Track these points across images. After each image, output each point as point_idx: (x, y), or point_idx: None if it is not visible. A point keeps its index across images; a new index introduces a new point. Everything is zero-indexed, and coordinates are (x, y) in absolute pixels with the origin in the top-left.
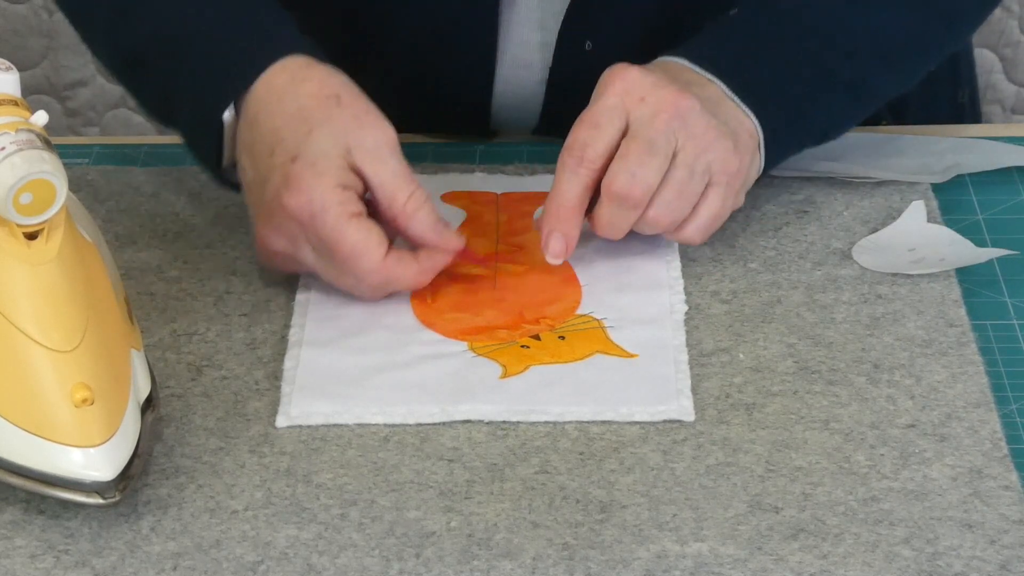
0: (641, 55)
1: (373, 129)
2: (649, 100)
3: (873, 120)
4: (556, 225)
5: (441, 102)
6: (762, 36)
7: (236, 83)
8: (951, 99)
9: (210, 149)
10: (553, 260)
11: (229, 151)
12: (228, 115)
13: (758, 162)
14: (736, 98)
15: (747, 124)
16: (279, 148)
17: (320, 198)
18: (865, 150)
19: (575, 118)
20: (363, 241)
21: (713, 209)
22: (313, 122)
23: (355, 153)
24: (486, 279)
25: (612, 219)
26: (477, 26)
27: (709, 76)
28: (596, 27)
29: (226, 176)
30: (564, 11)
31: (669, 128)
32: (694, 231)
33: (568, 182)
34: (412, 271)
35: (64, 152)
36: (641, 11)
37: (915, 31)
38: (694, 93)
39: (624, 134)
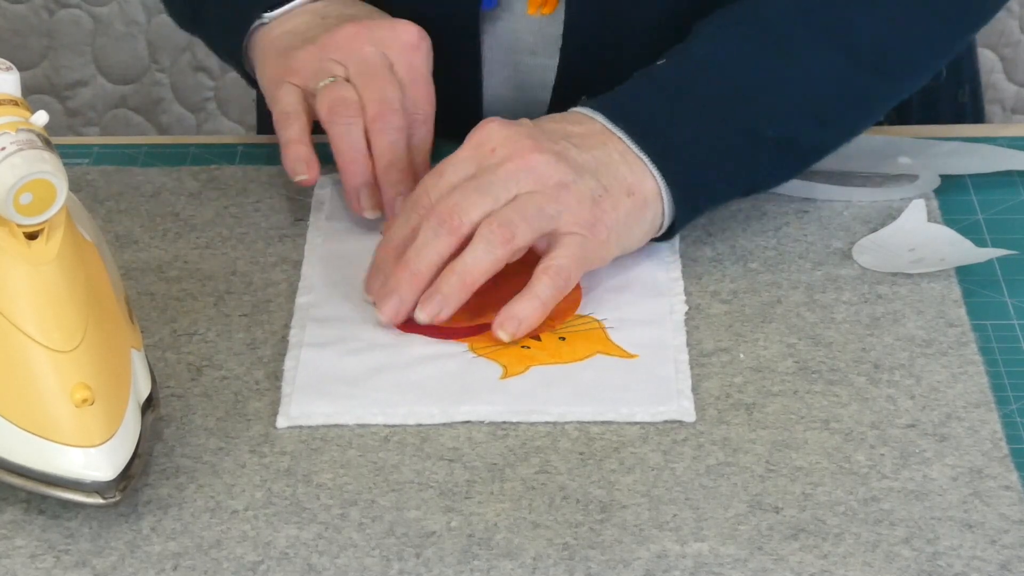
0: None
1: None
2: (499, 151)
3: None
4: (382, 266)
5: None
6: (680, 91)
7: None
8: (952, 97)
9: None
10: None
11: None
12: None
13: (651, 217)
14: (639, 151)
15: (631, 181)
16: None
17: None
18: (864, 151)
19: None
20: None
21: (567, 256)
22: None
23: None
24: (487, 280)
25: (426, 241)
26: (457, 48)
27: (613, 128)
28: (595, 58)
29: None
30: (559, 39)
31: (512, 177)
32: (540, 282)
33: (398, 224)
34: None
35: (64, 152)
36: (638, 38)
37: (849, 85)
38: (558, 151)
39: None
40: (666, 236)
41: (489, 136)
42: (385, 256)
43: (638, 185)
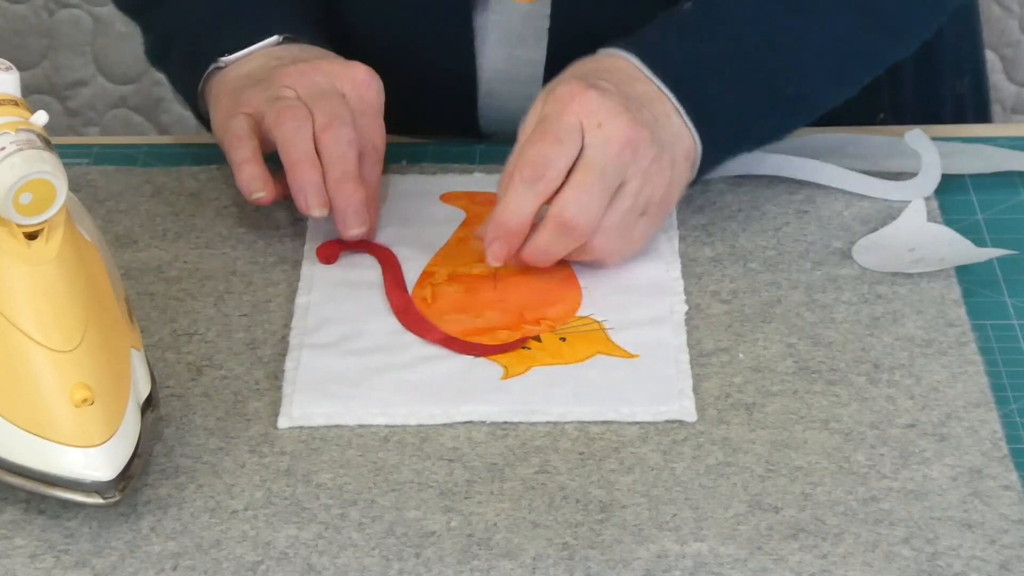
0: None
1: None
2: (605, 127)
3: (870, 115)
4: (506, 238)
5: (428, 109)
6: (715, 45)
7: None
8: (950, 88)
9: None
10: (494, 262)
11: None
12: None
13: (688, 179)
14: (686, 117)
15: (686, 144)
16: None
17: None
18: (864, 151)
19: None
20: None
21: (642, 239)
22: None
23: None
24: (486, 280)
25: (550, 246)
26: (451, 41)
27: (665, 89)
28: (581, 51)
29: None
30: (546, 29)
31: (621, 159)
32: (618, 258)
33: (523, 197)
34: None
35: (64, 152)
36: (624, 31)
37: (863, 44)
38: (645, 120)
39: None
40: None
41: (592, 107)
42: (510, 230)
43: (687, 149)
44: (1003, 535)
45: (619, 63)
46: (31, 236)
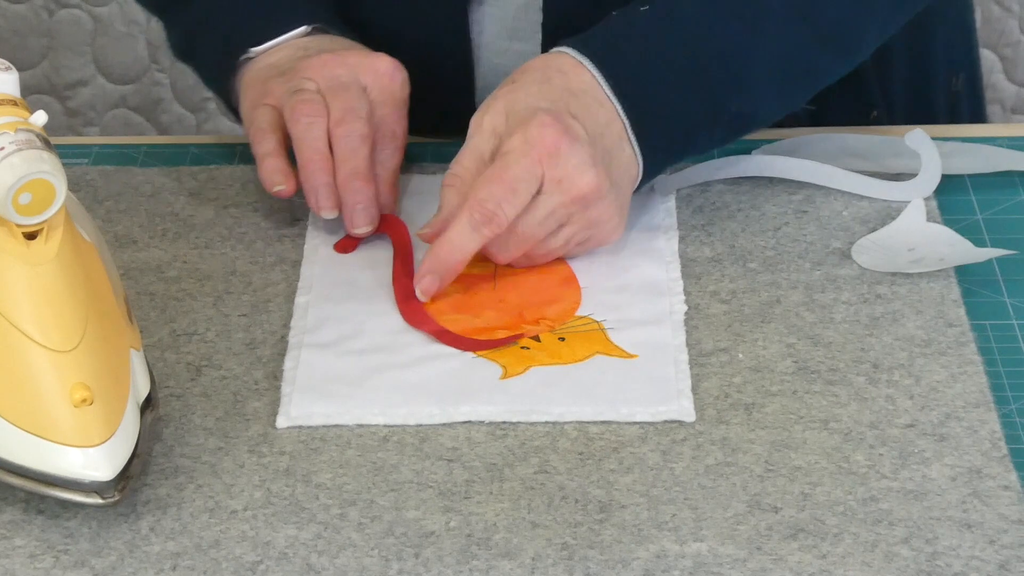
0: None
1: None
2: (564, 183)
3: (864, 111)
4: (441, 274)
5: (426, 104)
6: (669, 61)
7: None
8: (946, 87)
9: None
10: (422, 297)
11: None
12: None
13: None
14: (636, 146)
15: (632, 174)
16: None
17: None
18: (860, 151)
19: None
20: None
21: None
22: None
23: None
24: (485, 280)
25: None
26: (448, 35)
27: (622, 114)
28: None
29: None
30: (539, 23)
31: (570, 210)
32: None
33: (468, 237)
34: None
35: (64, 152)
36: None
37: (809, 63)
38: (608, 170)
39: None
40: None
41: (557, 161)
42: (448, 267)
43: (635, 177)
44: (1002, 535)
45: (579, 76)
46: (31, 236)
